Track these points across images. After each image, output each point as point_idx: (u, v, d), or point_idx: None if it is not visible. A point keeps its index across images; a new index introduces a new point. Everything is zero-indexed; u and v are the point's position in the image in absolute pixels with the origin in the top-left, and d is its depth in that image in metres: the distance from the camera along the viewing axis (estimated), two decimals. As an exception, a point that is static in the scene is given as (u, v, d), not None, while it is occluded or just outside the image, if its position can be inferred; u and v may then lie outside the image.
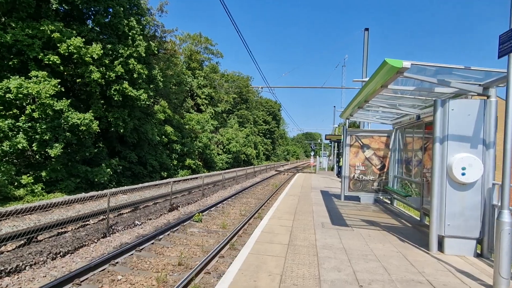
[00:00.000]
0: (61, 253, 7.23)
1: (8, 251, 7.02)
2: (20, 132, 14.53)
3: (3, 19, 16.01)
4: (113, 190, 13.54)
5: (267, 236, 6.94)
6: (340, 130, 44.85)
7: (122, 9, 19.20)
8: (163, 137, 26.61)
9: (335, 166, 32.37)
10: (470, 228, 5.89)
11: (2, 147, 13.93)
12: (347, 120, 16.22)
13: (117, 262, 6.75)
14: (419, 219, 9.35)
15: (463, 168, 5.79)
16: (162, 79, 24.79)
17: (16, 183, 14.05)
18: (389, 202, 12.46)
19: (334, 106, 46.49)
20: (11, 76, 14.44)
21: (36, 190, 14.48)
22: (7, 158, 14.47)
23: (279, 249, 6.01)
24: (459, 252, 6.00)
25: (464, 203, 5.92)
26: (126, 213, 11.71)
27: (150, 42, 23.43)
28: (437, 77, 6.13)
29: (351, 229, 7.87)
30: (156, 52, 26.74)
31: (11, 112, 14.56)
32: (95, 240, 8.37)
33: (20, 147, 14.20)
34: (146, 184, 16.96)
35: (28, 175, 14.59)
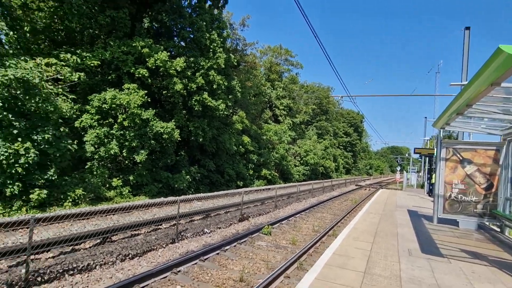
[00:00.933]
0: (130, 255, 7.36)
1: (84, 249, 7.42)
2: (114, 139, 16.04)
3: (105, 40, 18.14)
4: (186, 197, 13.90)
5: (339, 260, 6.01)
6: (432, 144, 40.17)
7: (204, 23, 20.21)
8: (240, 147, 27.04)
9: (426, 183, 28.84)
10: None
11: (99, 153, 15.54)
12: (441, 131, 14.05)
13: (179, 271, 6.57)
14: (543, 255, 7.27)
15: None
16: (240, 90, 25.33)
17: (108, 185, 15.46)
18: (498, 230, 10.16)
19: (425, 117, 41.83)
20: (107, 89, 16.14)
21: (124, 193, 15.73)
22: (102, 163, 16.08)
23: (352, 278, 5.06)
24: None
25: None
26: (197, 220, 11.79)
27: (230, 54, 24.25)
28: None
29: (447, 260, 6.41)
30: (236, 64, 27.59)
31: (107, 121, 16.21)
32: (164, 245, 8.42)
33: (112, 153, 15.66)
34: (219, 192, 17.18)
35: (118, 178, 15.96)
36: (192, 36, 20.66)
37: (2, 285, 5.51)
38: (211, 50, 20.69)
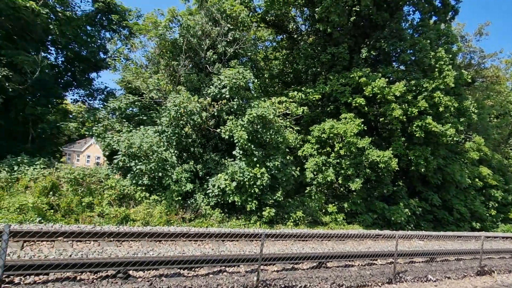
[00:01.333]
0: (344, 287, 7.22)
1: (302, 269, 7.91)
2: (330, 167, 16.86)
3: (325, 75, 19.78)
4: (405, 232, 12.50)
5: None
6: None
7: (428, 41, 18.36)
8: (476, 180, 22.14)
9: None
10: None
11: (317, 179, 16.72)
12: None
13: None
14: None
15: None
16: (476, 111, 21.03)
17: (323, 210, 16.26)
18: None
19: None
20: (326, 119, 17.31)
21: (338, 219, 16.04)
22: (319, 188, 17.18)
23: None
24: None
25: None
26: (418, 262, 10.29)
27: (462, 70, 20.81)
28: None
29: None
30: (470, 81, 23.32)
31: (324, 150, 17.31)
32: (379, 284, 7.78)
33: (329, 180, 16.45)
34: (447, 233, 14.46)
35: (333, 204, 16.51)
36: (413, 58, 19.17)
37: (240, 286, 6.62)
38: (436, 69, 18.42)
